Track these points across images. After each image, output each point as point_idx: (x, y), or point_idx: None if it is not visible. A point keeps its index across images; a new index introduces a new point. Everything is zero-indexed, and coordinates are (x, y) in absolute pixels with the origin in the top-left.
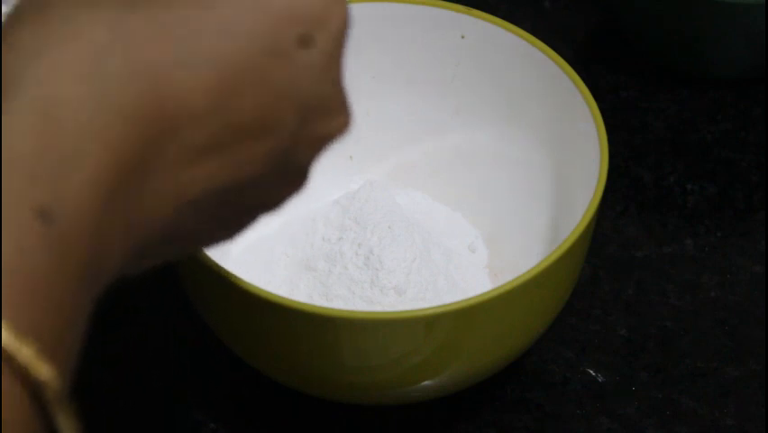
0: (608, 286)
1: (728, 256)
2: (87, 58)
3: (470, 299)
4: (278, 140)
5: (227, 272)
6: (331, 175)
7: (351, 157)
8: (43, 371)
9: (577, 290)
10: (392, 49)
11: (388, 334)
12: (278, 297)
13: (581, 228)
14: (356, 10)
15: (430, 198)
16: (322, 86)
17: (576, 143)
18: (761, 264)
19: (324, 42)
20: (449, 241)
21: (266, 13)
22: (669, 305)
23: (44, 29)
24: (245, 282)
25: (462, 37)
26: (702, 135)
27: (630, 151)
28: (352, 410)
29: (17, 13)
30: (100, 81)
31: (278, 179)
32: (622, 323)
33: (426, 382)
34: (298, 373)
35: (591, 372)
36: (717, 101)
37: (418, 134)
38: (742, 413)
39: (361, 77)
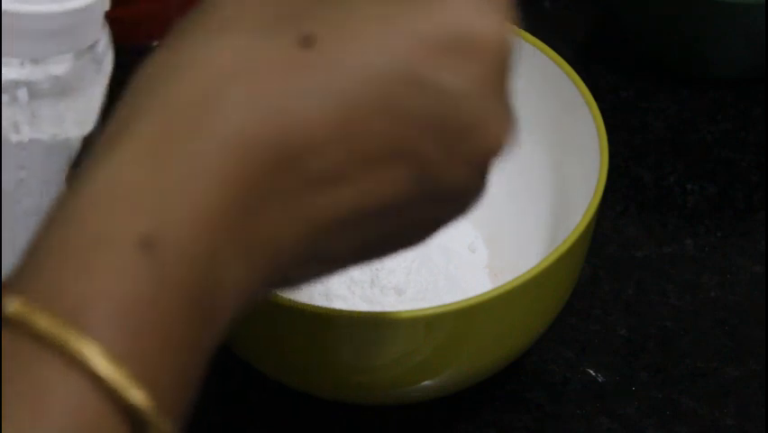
0: (608, 286)
1: (728, 256)
2: (209, 86)
3: (470, 299)
4: (413, 166)
5: None
6: None
7: None
8: (138, 396)
9: (577, 290)
10: None
11: (388, 334)
12: (279, 297)
13: (581, 228)
14: None
15: None
16: (467, 110)
17: (576, 143)
18: (761, 264)
19: (472, 67)
20: (449, 241)
21: (409, 39)
22: (669, 305)
23: (175, 56)
24: None
25: None
26: (702, 135)
27: (630, 151)
28: (352, 410)
29: (165, 40)
30: (217, 111)
31: (431, 202)
32: (622, 323)
33: (426, 382)
34: (299, 373)
35: (591, 372)
36: (717, 101)
37: None
38: (742, 413)
39: None
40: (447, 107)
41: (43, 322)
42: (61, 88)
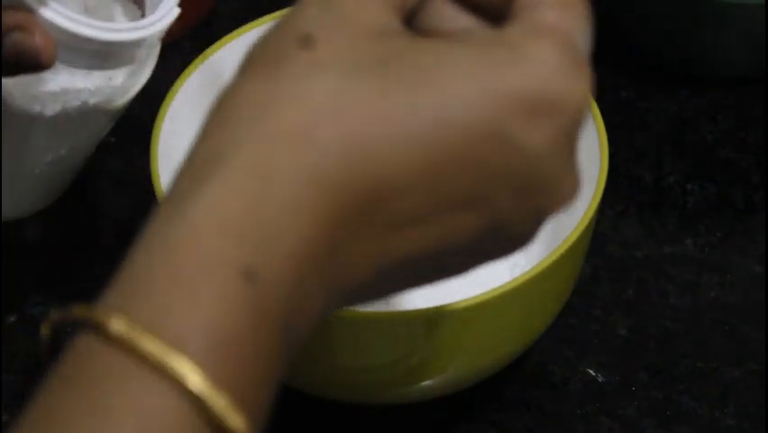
0: (608, 286)
1: (728, 256)
2: (304, 124)
3: (469, 299)
4: (487, 214)
5: None
6: None
7: None
8: (237, 422)
9: (577, 290)
10: None
11: (388, 334)
12: None
13: (581, 228)
14: None
15: None
16: (545, 168)
17: None
18: (761, 264)
19: (553, 128)
20: None
21: (494, 97)
22: (669, 305)
23: (274, 87)
24: None
25: None
26: (702, 135)
27: (630, 151)
28: (352, 410)
29: (251, 60)
30: (312, 150)
31: (487, 246)
32: (622, 323)
33: (426, 382)
34: (299, 373)
35: (591, 372)
36: (717, 101)
37: None
38: (742, 413)
39: None
40: (528, 165)
41: (149, 345)
42: (117, 90)
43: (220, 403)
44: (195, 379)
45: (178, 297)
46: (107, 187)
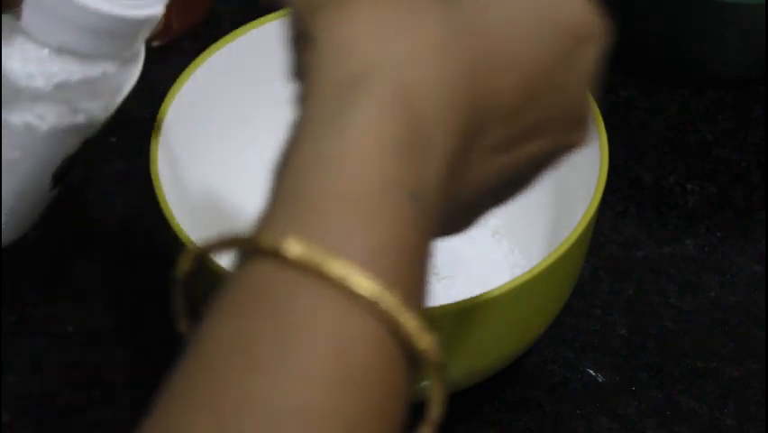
0: (608, 286)
1: (728, 256)
2: (434, 48)
3: (470, 299)
4: (545, 144)
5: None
6: None
7: None
8: (426, 342)
9: (577, 290)
10: None
11: None
12: None
13: (581, 228)
14: None
15: None
16: (582, 95)
17: None
18: (761, 264)
19: (593, 55)
20: (450, 240)
21: (559, 26)
22: (669, 305)
23: (393, 15)
24: None
25: None
26: (702, 135)
27: (630, 151)
28: None
29: None
30: (446, 73)
31: (540, 168)
32: (622, 323)
33: (426, 382)
34: None
35: (591, 372)
36: (717, 101)
37: None
38: (742, 413)
39: None
40: (575, 89)
41: (337, 267)
42: (101, 90)
43: (411, 324)
44: (389, 300)
45: (356, 218)
46: (107, 187)
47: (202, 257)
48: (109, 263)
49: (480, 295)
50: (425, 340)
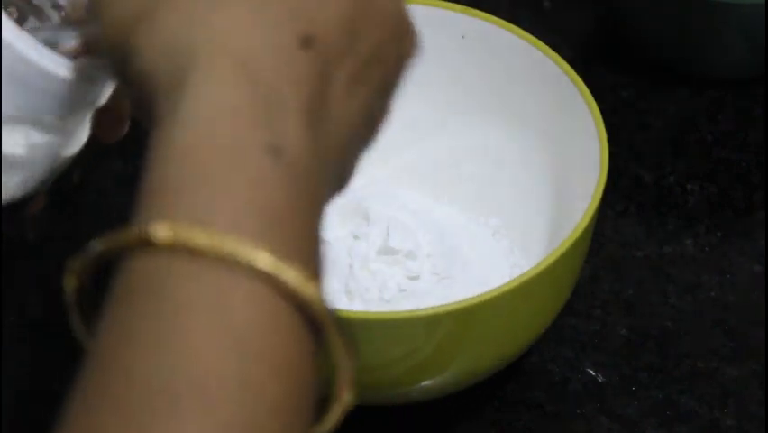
0: (608, 286)
1: (728, 256)
2: (255, 8)
3: (469, 299)
4: (390, 64)
5: None
6: None
7: None
8: (311, 290)
9: (577, 290)
10: None
11: (388, 334)
12: None
13: (581, 228)
14: None
15: (430, 199)
16: (398, 7)
17: (576, 143)
18: (761, 264)
19: None
20: (451, 240)
21: None
22: (669, 305)
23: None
24: None
25: (462, 37)
26: (702, 135)
27: (630, 151)
28: (353, 410)
29: None
30: (273, 29)
31: (388, 97)
32: (622, 323)
33: (426, 382)
34: None
35: (591, 372)
36: (717, 101)
37: (418, 135)
38: (742, 413)
39: None
40: (398, 8)
41: (204, 238)
42: (31, 161)
43: (292, 276)
44: (264, 257)
45: (215, 187)
46: (107, 187)
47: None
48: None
49: (480, 295)
50: (309, 289)
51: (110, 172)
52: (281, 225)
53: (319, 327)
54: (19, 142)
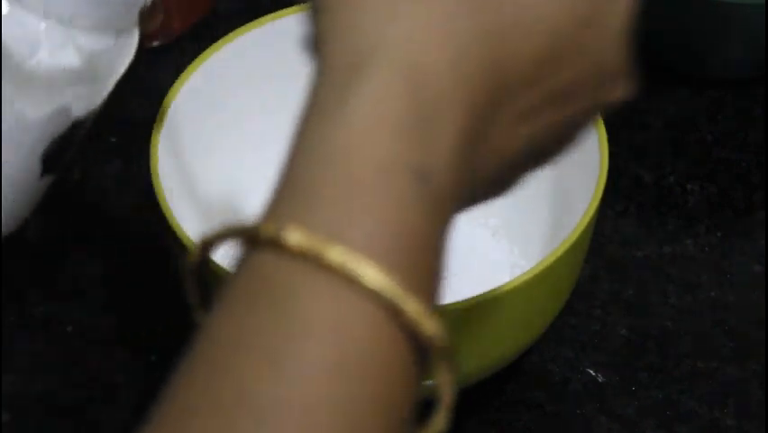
0: (608, 286)
1: (728, 256)
2: (441, 21)
3: (469, 299)
4: (579, 105)
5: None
6: None
7: None
8: (431, 327)
9: (577, 290)
10: None
11: None
12: None
13: (581, 228)
14: None
15: None
16: (618, 53)
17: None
18: (761, 264)
19: (621, 8)
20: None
21: None
22: (669, 305)
23: None
24: None
25: None
26: (702, 135)
27: (630, 151)
28: None
29: None
30: (454, 46)
31: (570, 134)
32: (622, 323)
33: (426, 382)
34: None
35: (591, 372)
36: (717, 101)
37: None
38: (742, 413)
39: None
40: (609, 49)
41: (336, 254)
42: (93, 71)
43: (414, 309)
44: (389, 285)
45: (357, 203)
46: (107, 187)
47: (208, 247)
48: (109, 263)
49: (481, 295)
50: (429, 325)
51: (110, 172)
52: (412, 254)
53: (430, 361)
54: (75, 52)
